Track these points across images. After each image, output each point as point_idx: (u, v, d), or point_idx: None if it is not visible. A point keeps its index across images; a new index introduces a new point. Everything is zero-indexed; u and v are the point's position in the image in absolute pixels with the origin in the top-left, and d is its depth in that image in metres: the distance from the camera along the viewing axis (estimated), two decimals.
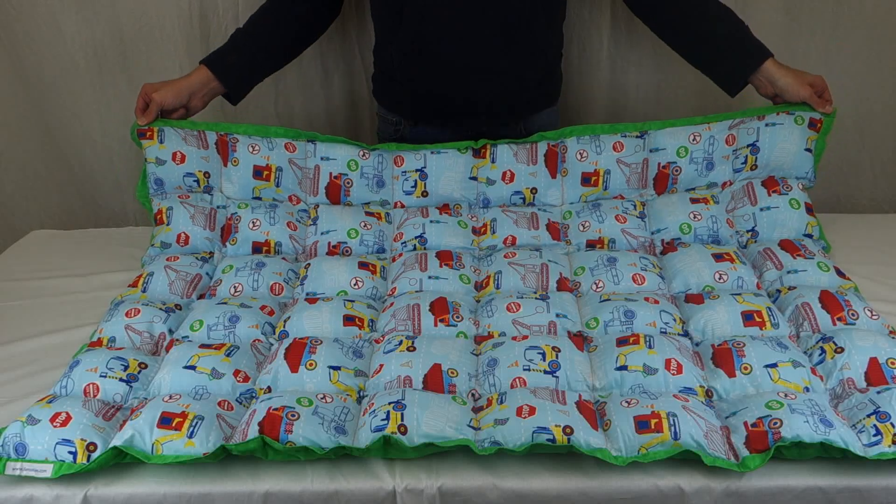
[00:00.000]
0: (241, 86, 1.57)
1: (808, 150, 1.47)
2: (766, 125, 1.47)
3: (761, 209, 1.43)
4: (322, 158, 1.51)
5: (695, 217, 1.43)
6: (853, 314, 1.18)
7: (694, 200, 1.45)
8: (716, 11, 1.50)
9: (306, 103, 1.92)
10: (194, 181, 1.50)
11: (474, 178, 1.50)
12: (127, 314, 1.24)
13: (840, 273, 1.30)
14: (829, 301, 1.20)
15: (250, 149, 1.50)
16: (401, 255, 1.40)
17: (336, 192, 1.50)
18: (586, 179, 1.49)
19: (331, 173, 1.50)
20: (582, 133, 1.50)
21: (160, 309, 1.26)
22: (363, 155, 1.51)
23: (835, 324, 1.17)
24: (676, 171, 1.48)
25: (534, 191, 1.49)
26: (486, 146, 1.50)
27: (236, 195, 1.50)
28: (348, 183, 1.50)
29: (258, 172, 1.49)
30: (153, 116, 1.50)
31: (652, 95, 1.88)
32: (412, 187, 1.50)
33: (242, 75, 1.56)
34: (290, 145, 1.51)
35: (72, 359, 1.17)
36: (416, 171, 1.50)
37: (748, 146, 1.48)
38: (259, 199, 1.50)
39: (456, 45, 1.49)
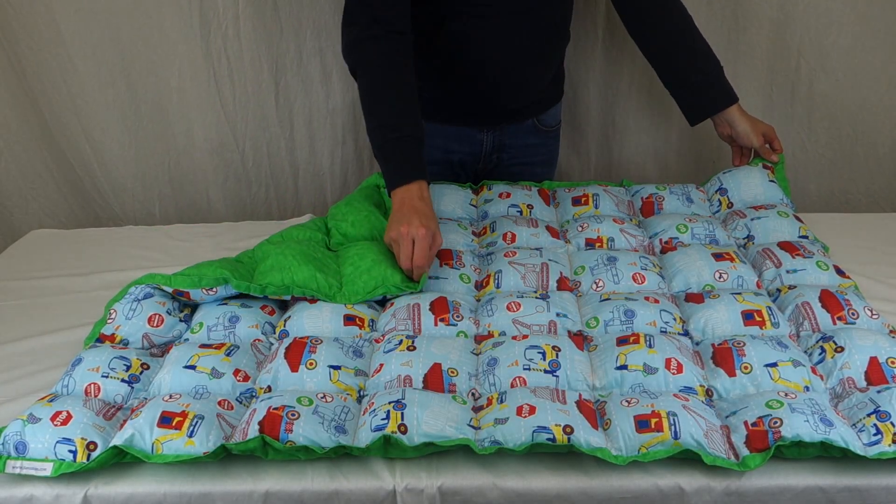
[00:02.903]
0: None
1: (771, 181, 1.57)
2: (724, 173, 1.61)
3: (752, 219, 1.45)
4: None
5: (690, 220, 1.46)
6: (853, 313, 1.18)
7: (685, 216, 1.50)
8: (700, 47, 1.58)
9: (306, 100, 1.92)
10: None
11: (474, 206, 1.58)
12: (149, 320, 1.23)
13: (840, 272, 1.30)
14: (829, 300, 1.20)
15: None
16: None
17: None
18: (577, 201, 1.57)
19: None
20: (568, 185, 1.65)
21: (180, 321, 1.26)
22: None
23: (835, 323, 1.17)
24: (660, 199, 1.56)
25: (530, 207, 1.55)
26: (483, 186, 1.62)
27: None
28: None
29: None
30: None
31: (645, 86, 1.89)
32: None
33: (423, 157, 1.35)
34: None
35: (84, 345, 1.18)
36: None
37: (717, 191, 1.59)
38: None
39: (492, 58, 1.51)
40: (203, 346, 1.17)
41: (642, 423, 0.98)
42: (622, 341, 1.13)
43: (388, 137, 1.31)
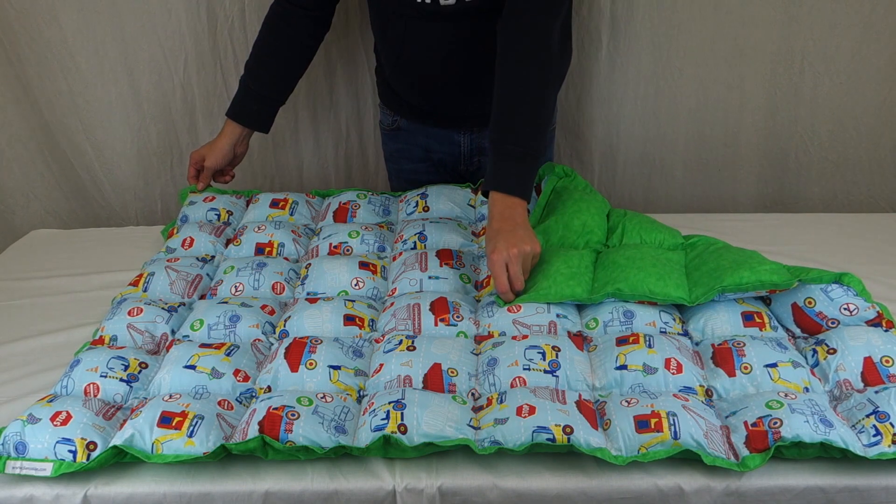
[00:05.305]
0: (270, 120, 1.65)
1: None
2: None
3: None
4: (334, 197, 1.61)
5: None
6: (832, 322, 1.17)
7: None
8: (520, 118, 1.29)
9: (310, 93, 1.93)
10: (216, 215, 1.57)
11: (472, 207, 1.57)
12: (129, 313, 1.24)
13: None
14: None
15: (272, 196, 1.61)
16: (401, 254, 1.40)
17: (343, 215, 1.55)
18: None
19: (340, 201, 1.57)
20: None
21: (163, 308, 1.26)
22: (373, 193, 1.61)
23: (821, 331, 1.17)
24: None
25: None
26: (482, 184, 1.55)
27: (249, 221, 1.55)
28: (356, 206, 1.56)
29: (275, 203, 1.58)
30: (208, 181, 1.65)
31: (650, 94, 1.89)
32: (414, 207, 1.56)
33: (268, 113, 1.64)
34: (310, 196, 1.64)
35: (73, 356, 1.17)
36: (418, 195, 1.58)
37: None
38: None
39: (438, 65, 1.50)
40: (203, 345, 1.17)
41: (642, 424, 0.98)
42: (622, 341, 1.13)
43: (242, 78, 1.62)
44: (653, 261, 1.25)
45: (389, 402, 1.02)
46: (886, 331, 1.13)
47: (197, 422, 1.01)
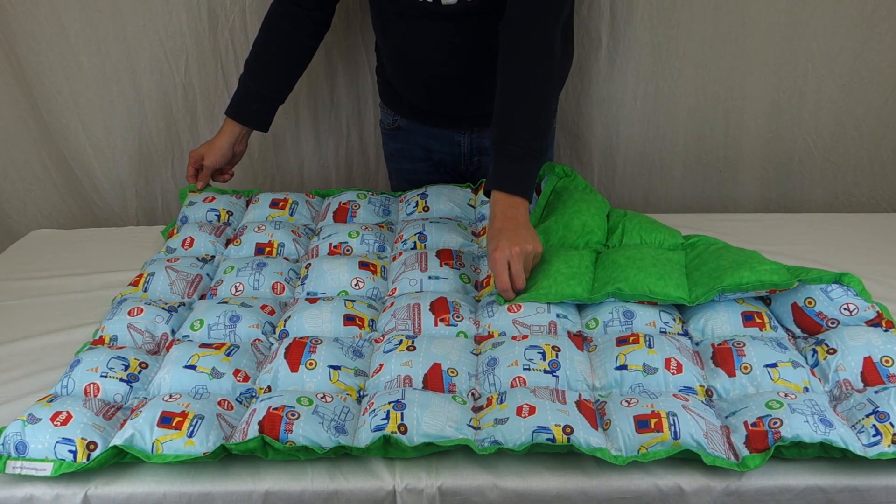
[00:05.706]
0: (269, 119, 1.65)
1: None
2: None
3: None
4: (334, 197, 1.61)
5: None
6: (832, 322, 1.17)
7: None
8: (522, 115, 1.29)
9: (310, 93, 1.93)
10: (216, 216, 1.57)
11: (472, 207, 1.57)
12: (129, 313, 1.24)
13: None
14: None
15: (272, 196, 1.62)
16: (401, 254, 1.40)
17: (343, 215, 1.55)
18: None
19: (340, 201, 1.58)
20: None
21: (163, 308, 1.26)
22: (373, 193, 1.61)
23: (821, 331, 1.17)
24: None
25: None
26: (482, 184, 1.58)
27: (249, 221, 1.55)
28: (356, 206, 1.56)
29: (275, 203, 1.58)
30: (207, 179, 1.65)
31: (650, 94, 1.89)
32: (414, 207, 1.56)
33: (268, 112, 1.64)
34: (310, 196, 1.64)
35: (74, 357, 1.17)
36: (418, 195, 1.58)
37: None
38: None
39: (439, 65, 1.50)
40: (203, 345, 1.17)
41: (642, 424, 0.98)
42: (622, 341, 1.13)
43: (241, 77, 1.62)
44: (653, 261, 1.25)
45: (389, 402, 1.02)
46: (886, 331, 1.13)
47: (197, 422, 1.01)
